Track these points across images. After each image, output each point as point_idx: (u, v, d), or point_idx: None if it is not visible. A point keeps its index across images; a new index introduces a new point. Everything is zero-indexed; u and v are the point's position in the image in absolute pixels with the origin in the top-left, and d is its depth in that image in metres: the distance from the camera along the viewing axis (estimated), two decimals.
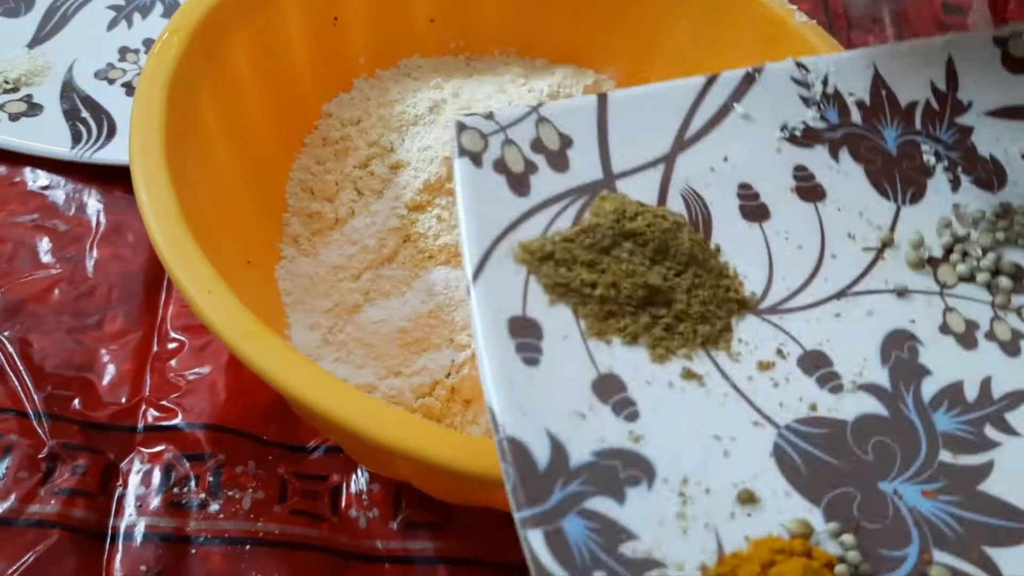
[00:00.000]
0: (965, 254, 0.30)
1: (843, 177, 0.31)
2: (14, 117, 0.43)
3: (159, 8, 0.50)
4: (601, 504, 0.22)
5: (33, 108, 0.44)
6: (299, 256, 0.37)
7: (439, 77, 0.41)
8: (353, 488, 0.34)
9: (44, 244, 0.39)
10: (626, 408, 0.24)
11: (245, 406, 0.35)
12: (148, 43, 0.48)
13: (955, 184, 0.32)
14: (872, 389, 0.27)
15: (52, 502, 0.32)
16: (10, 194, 0.41)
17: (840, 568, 0.23)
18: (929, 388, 0.27)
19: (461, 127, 0.27)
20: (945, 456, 0.26)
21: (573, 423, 0.23)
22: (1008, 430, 0.27)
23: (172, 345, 0.37)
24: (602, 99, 0.29)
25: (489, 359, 0.23)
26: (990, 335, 0.29)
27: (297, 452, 0.34)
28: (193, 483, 0.33)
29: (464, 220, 0.25)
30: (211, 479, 0.33)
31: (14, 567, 0.30)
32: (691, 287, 0.27)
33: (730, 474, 0.24)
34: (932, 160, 0.32)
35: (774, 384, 0.27)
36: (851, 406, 0.27)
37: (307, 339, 0.34)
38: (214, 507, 0.32)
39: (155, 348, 0.37)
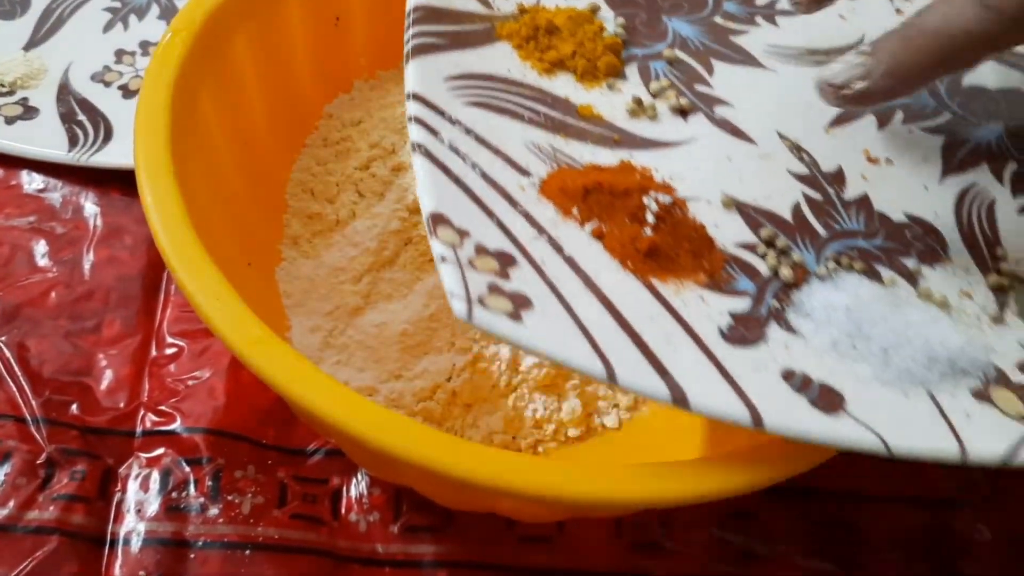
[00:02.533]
0: None
1: None
2: (10, 120, 0.43)
3: (155, 10, 0.50)
4: None
5: (29, 111, 0.43)
6: (299, 258, 0.37)
7: None
8: (353, 492, 0.34)
9: (41, 247, 0.39)
10: None
11: (244, 410, 0.35)
12: (144, 45, 0.48)
13: None
14: None
15: (51, 508, 0.32)
16: (6, 197, 0.41)
17: (607, 33, 0.34)
18: None
19: None
20: (718, 20, 0.36)
21: None
22: (780, 13, 0.37)
23: (170, 350, 0.36)
24: None
25: None
26: None
27: (296, 456, 0.34)
28: (192, 488, 0.33)
29: None
30: (210, 483, 0.33)
31: (13, 574, 0.30)
32: None
33: None
34: None
35: None
36: None
37: (308, 341, 0.34)
38: (213, 511, 0.32)
39: (153, 353, 0.36)
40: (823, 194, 0.31)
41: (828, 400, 0.24)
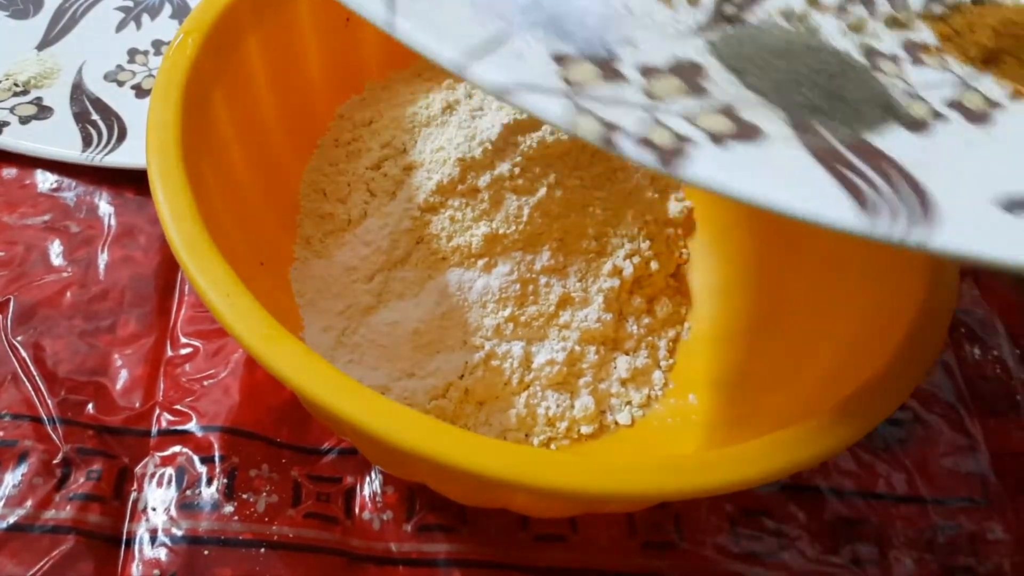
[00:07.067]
0: None
1: None
2: (24, 120, 0.43)
3: (167, 9, 0.50)
4: None
5: (43, 111, 0.44)
6: (312, 258, 0.37)
7: (451, 78, 0.41)
8: (367, 490, 0.34)
9: (56, 247, 0.39)
10: None
11: (258, 409, 0.35)
12: (157, 45, 0.48)
13: None
14: None
15: (67, 508, 0.32)
16: (21, 196, 0.41)
17: None
18: None
19: None
20: None
21: None
22: None
23: (185, 350, 0.37)
24: None
25: None
26: None
27: (310, 454, 0.34)
28: (207, 486, 0.33)
29: None
30: (225, 482, 0.33)
31: (30, 573, 0.30)
32: None
33: None
34: None
35: None
36: None
37: (321, 340, 0.34)
38: (228, 510, 0.32)
39: (168, 352, 0.37)
40: None
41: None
